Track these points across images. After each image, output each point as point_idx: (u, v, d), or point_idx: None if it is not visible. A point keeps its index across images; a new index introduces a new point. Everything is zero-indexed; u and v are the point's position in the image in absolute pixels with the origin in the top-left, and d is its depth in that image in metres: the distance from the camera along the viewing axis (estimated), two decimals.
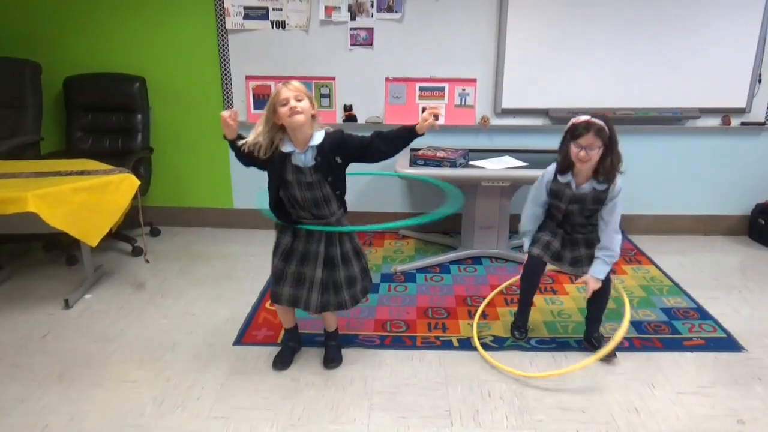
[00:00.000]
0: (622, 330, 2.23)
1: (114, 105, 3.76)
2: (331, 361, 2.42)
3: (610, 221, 2.30)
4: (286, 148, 2.14)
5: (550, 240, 2.44)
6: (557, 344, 2.57)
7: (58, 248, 3.56)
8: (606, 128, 2.16)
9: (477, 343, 2.55)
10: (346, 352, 2.49)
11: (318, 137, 2.13)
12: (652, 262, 3.48)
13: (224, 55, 3.76)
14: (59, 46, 3.79)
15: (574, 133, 2.21)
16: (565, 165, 2.30)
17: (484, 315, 2.83)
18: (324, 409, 2.15)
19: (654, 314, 2.84)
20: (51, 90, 3.80)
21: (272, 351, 2.49)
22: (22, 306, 2.92)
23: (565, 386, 2.28)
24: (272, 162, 2.16)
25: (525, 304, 2.64)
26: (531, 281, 2.55)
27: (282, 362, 2.42)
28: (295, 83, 2.09)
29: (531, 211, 2.48)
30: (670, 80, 3.63)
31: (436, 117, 2.09)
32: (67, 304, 2.90)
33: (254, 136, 2.12)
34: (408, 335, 2.66)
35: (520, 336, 2.62)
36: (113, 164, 3.08)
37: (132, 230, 3.66)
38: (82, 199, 2.73)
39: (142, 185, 3.07)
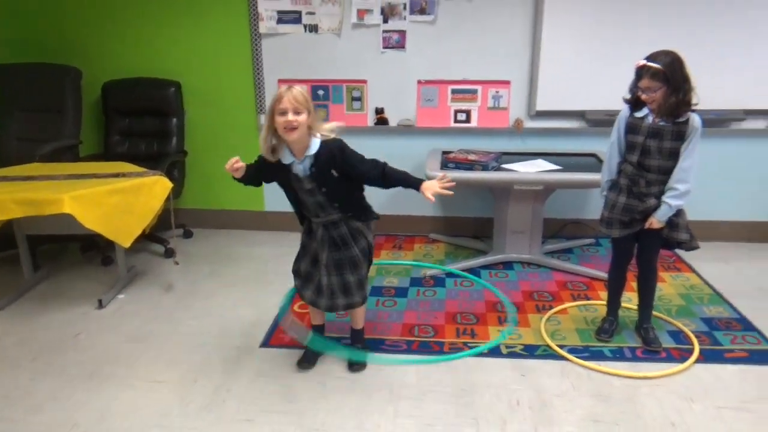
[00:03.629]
0: None
1: (150, 109, 3.83)
2: (356, 364, 2.40)
3: (683, 161, 2.25)
4: (286, 159, 2.17)
5: (621, 217, 2.39)
6: (591, 353, 2.48)
7: (94, 249, 3.64)
8: (662, 71, 2.14)
9: (549, 341, 2.57)
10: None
11: (314, 146, 2.14)
12: (692, 270, 3.35)
13: (257, 59, 3.79)
14: (98, 53, 3.89)
15: (636, 76, 2.25)
16: (635, 102, 2.32)
17: (514, 321, 2.77)
18: (349, 414, 2.12)
19: (694, 324, 2.72)
20: (90, 95, 3.90)
21: (299, 354, 2.48)
22: (58, 305, 2.99)
23: (598, 397, 2.20)
24: (275, 173, 2.23)
25: (615, 297, 2.65)
26: (621, 268, 2.57)
27: (308, 361, 2.42)
28: (296, 91, 2.06)
29: (608, 159, 2.44)
30: (713, 80, 3.46)
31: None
32: (100, 304, 2.96)
33: (262, 143, 2.16)
34: (435, 341, 2.61)
35: (607, 337, 2.58)
36: (148, 167, 3.14)
37: (165, 232, 3.71)
38: (116, 201, 2.78)
39: (175, 188, 3.11)
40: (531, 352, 2.51)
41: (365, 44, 3.70)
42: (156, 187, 2.95)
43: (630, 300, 2.76)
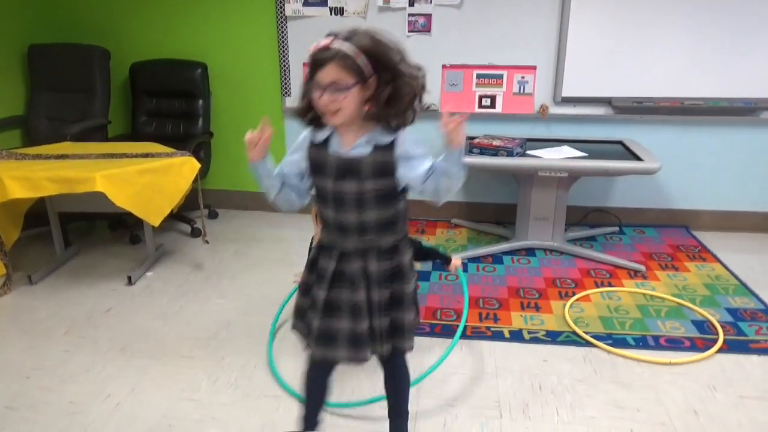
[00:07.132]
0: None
1: (177, 90, 3.87)
2: None
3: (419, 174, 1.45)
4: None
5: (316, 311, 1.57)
6: (613, 340, 2.49)
7: (122, 227, 3.71)
8: (355, 53, 1.33)
9: (575, 327, 2.57)
10: None
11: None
12: (718, 260, 3.32)
13: (283, 42, 3.80)
14: (127, 34, 3.94)
15: (311, 68, 1.38)
16: (308, 116, 1.46)
17: (537, 307, 2.78)
18: (371, 390, 2.16)
19: (718, 314, 2.71)
20: (118, 75, 3.96)
21: None
22: (89, 281, 3.07)
23: (620, 383, 2.22)
24: None
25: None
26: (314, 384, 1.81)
27: None
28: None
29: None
30: (745, 68, 3.42)
31: None
32: (129, 281, 3.03)
33: None
34: (458, 324, 2.63)
35: None
36: (175, 148, 3.18)
37: (191, 212, 3.77)
38: (146, 180, 2.83)
39: (201, 168, 3.15)
40: (553, 338, 2.53)
41: (390, 27, 3.65)
42: (184, 168, 2.99)
43: (654, 289, 2.75)
